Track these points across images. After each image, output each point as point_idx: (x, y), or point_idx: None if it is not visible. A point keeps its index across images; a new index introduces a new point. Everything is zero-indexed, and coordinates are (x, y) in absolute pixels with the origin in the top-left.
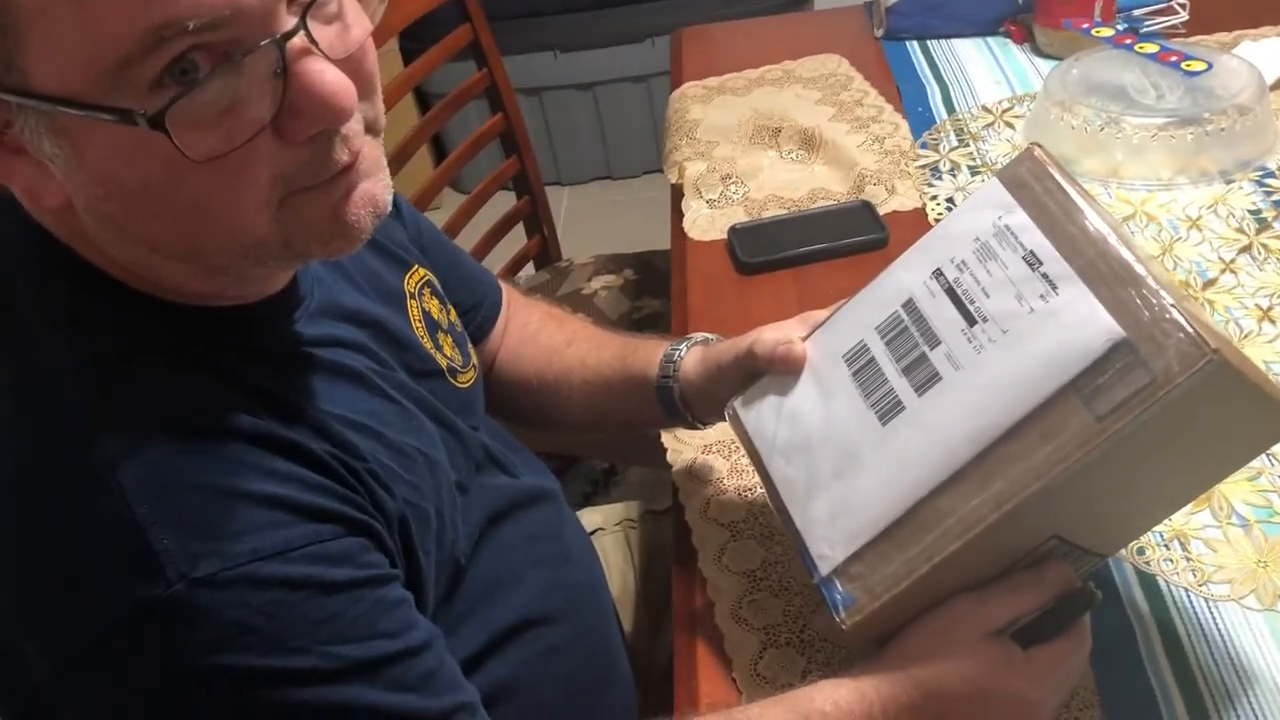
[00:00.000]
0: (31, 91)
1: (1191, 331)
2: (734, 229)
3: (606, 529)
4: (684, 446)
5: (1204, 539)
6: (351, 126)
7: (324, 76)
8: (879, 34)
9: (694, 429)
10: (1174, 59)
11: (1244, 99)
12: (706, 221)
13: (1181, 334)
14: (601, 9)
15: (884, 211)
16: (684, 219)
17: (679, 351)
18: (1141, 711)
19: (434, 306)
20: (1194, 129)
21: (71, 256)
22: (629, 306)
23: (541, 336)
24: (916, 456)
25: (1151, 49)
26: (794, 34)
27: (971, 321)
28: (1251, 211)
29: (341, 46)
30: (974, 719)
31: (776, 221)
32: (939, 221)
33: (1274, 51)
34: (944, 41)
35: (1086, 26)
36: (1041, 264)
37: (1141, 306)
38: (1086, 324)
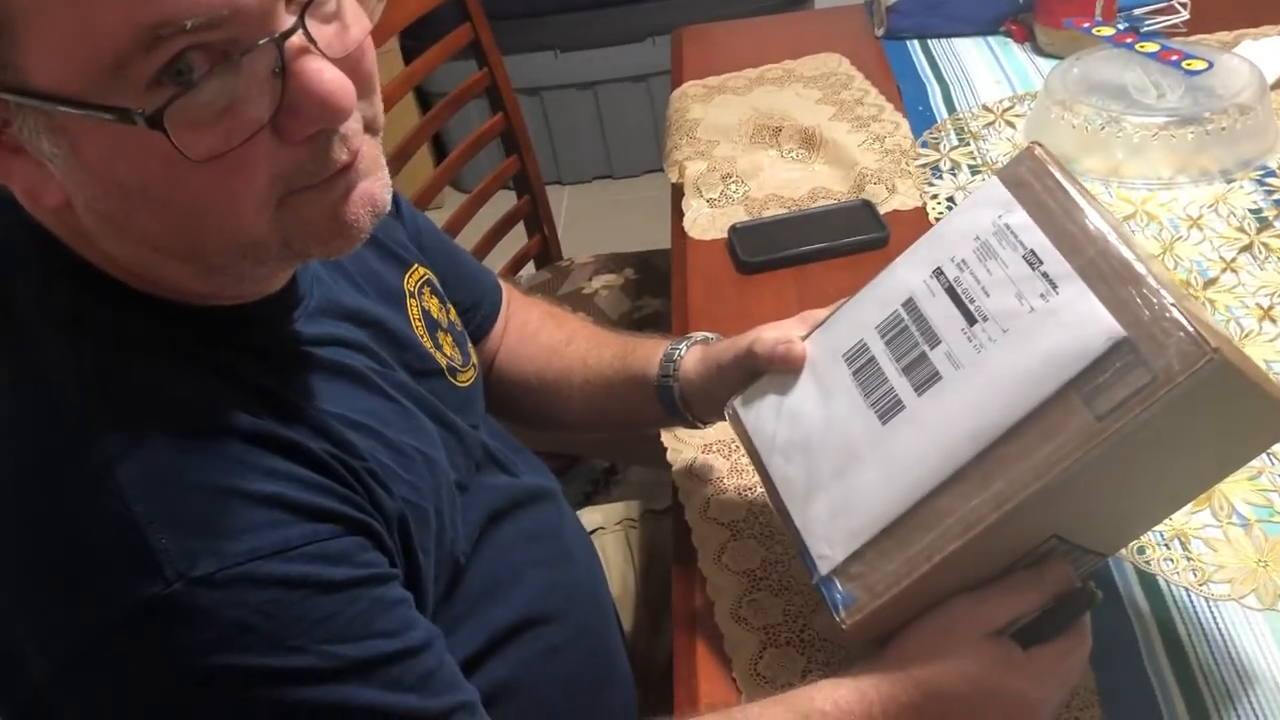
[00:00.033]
0: (30, 90)
1: (1192, 330)
2: (734, 228)
3: (607, 528)
4: (684, 446)
5: (1204, 538)
6: (350, 126)
7: (322, 76)
8: (879, 33)
9: (694, 428)
10: (1175, 58)
11: (1245, 98)
12: (707, 221)
13: (1182, 333)
14: (601, 8)
15: (884, 211)
16: (684, 218)
17: (679, 351)
18: (1142, 711)
19: (434, 305)
20: (1195, 128)
21: (71, 256)
22: (629, 306)
23: (541, 335)
24: (916, 456)
25: (1152, 48)
26: (794, 33)
27: (972, 320)
28: (1252, 210)
29: (340, 45)
30: (974, 719)
31: (777, 221)
32: (939, 220)
33: (1275, 50)
34: (944, 40)
35: (1087, 25)
36: (1042, 263)
37: (1142, 305)
38: (1087, 323)
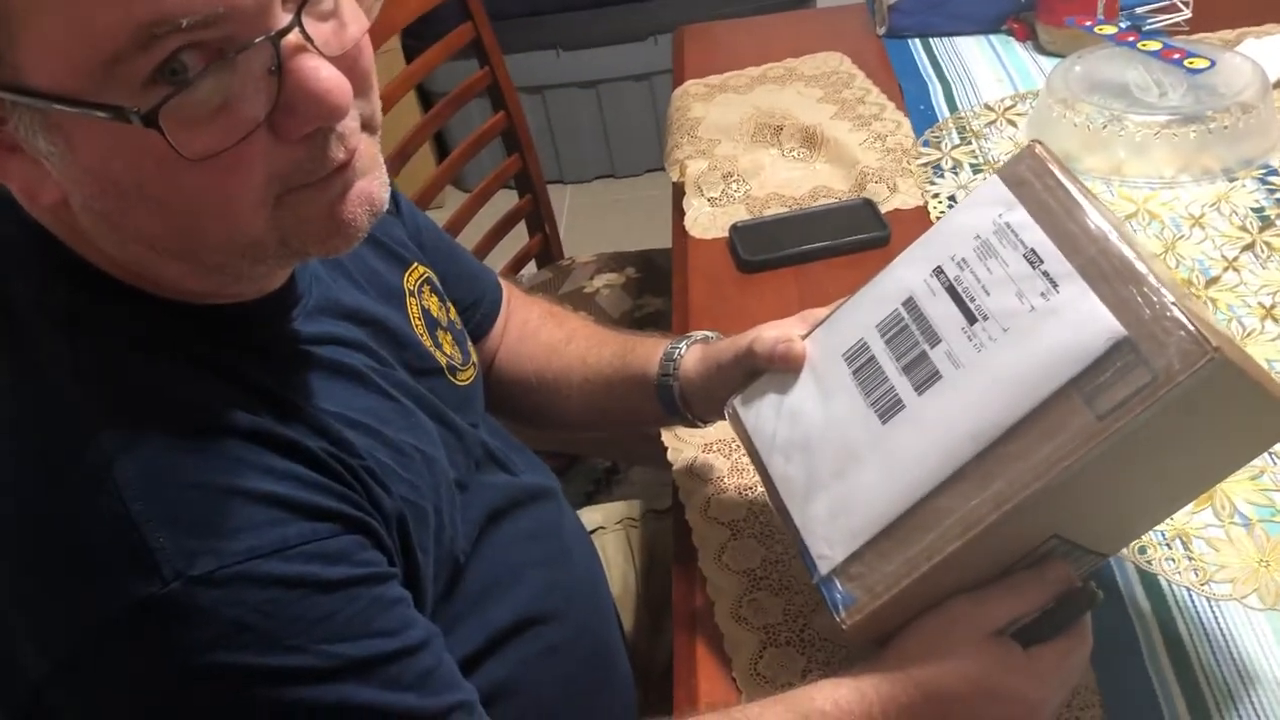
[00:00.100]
0: (26, 88)
1: (1193, 330)
2: (735, 227)
3: (607, 528)
4: (684, 445)
5: (1206, 538)
6: (347, 124)
7: (319, 74)
8: (881, 32)
9: (694, 427)
10: (1177, 56)
11: (1247, 96)
12: (708, 219)
13: (1183, 332)
14: (603, 7)
15: (886, 210)
16: (685, 217)
17: (679, 349)
18: (1143, 711)
19: (433, 304)
20: (1197, 126)
21: (70, 255)
22: (631, 305)
23: (541, 334)
24: (916, 455)
25: (1154, 46)
26: (796, 32)
27: (972, 320)
28: (1254, 209)
29: (337, 44)
30: (974, 719)
31: (778, 220)
32: (940, 219)
33: (1277, 49)
34: (946, 39)
35: (1089, 24)
36: (1042, 262)
37: (1142, 305)
38: (1087, 322)
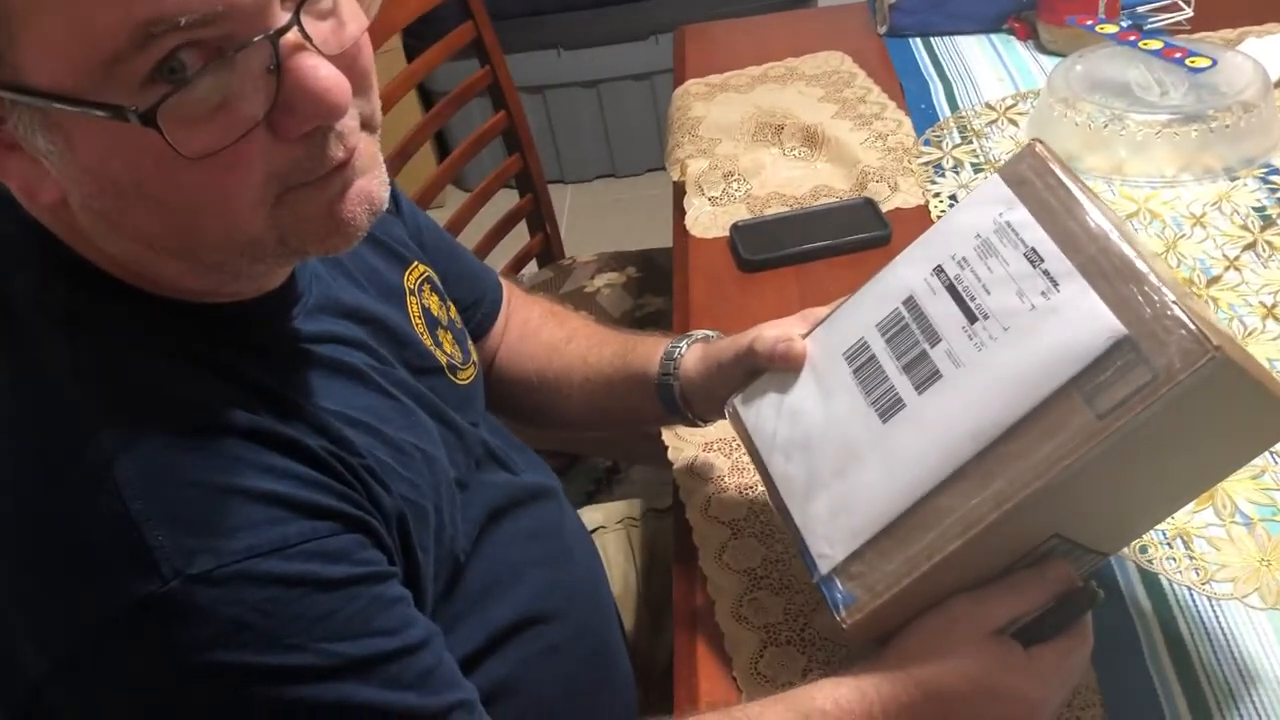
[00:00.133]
0: (25, 87)
1: (1193, 328)
2: (736, 226)
3: (608, 527)
4: (685, 444)
5: (1207, 537)
6: (347, 123)
7: (318, 73)
8: (882, 31)
9: (694, 426)
10: (1178, 55)
11: (1248, 95)
12: (709, 219)
13: (1183, 331)
14: (604, 7)
15: (887, 209)
16: (686, 216)
17: (679, 349)
18: (1143, 711)
19: (434, 303)
20: (1198, 125)
21: (68, 254)
22: (631, 304)
23: (542, 333)
24: (917, 454)
25: (1156, 45)
26: (797, 31)
27: (972, 319)
28: (1256, 208)
29: (336, 42)
30: (975, 718)
31: (779, 219)
32: (940, 218)
33: (1279, 48)
34: (947, 38)
35: (1090, 23)
36: (1043, 261)
37: (1143, 303)
38: (1088, 321)
